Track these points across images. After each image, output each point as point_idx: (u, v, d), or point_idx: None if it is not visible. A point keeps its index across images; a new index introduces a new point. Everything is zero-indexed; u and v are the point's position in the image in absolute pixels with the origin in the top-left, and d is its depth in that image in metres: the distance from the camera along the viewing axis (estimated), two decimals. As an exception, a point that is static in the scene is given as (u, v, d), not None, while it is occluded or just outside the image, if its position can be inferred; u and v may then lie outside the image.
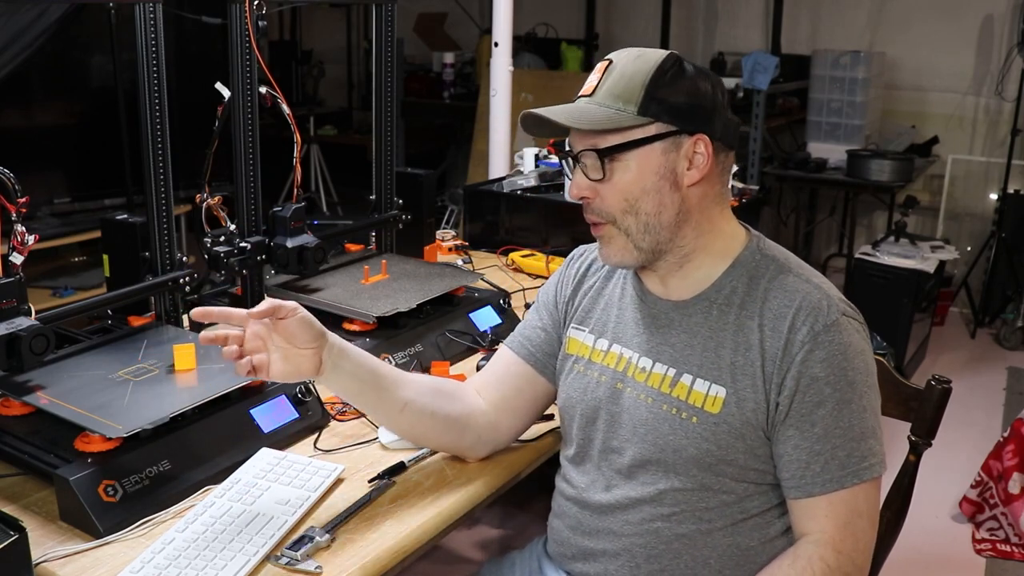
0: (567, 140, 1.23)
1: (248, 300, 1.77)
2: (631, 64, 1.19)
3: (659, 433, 1.21)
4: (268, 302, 1.17)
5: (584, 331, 1.34)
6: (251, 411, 1.41)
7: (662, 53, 1.20)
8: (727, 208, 1.26)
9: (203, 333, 1.18)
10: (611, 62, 1.21)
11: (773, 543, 1.21)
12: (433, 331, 1.76)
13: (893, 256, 3.81)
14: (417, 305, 1.76)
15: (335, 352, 1.23)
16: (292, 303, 1.18)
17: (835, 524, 1.14)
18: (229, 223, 1.76)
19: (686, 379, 1.20)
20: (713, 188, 1.22)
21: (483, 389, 1.41)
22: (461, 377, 1.56)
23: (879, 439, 1.16)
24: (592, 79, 1.21)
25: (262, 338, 1.18)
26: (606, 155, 1.18)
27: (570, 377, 1.34)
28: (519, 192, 2.54)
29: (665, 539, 1.21)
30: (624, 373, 1.27)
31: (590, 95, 1.20)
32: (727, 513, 1.20)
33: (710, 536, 1.20)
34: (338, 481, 1.33)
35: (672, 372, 1.21)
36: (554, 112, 1.19)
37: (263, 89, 1.72)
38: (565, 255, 2.36)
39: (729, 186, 1.26)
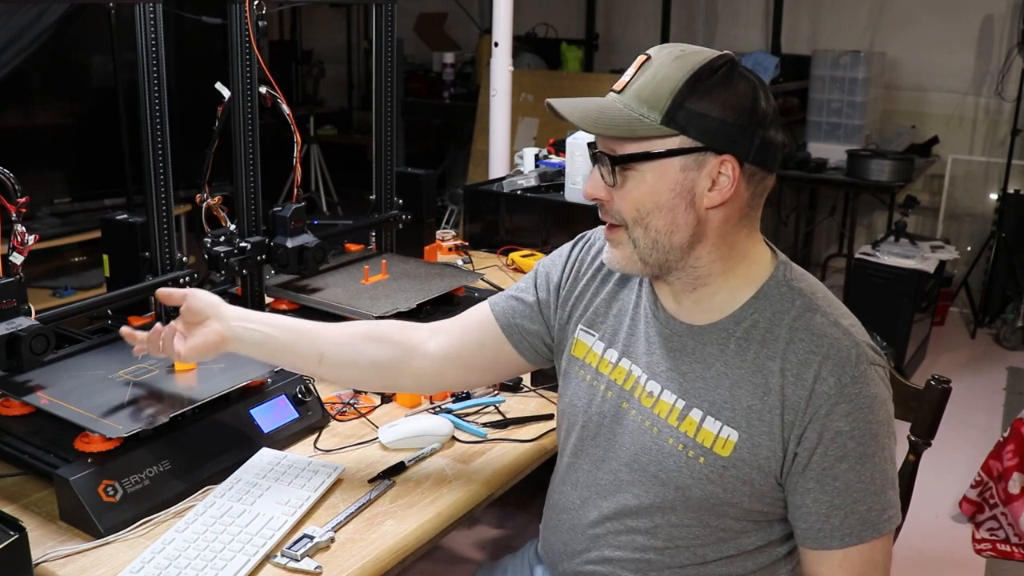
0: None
1: (248, 300, 1.78)
2: (666, 65, 1.06)
3: (663, 467, 1.14)
4: (158, 292, 1.34)
5: (594, 336, 1.25)
6: (251, 411, 1.41)
7: (707, 56, 1.06)
8: (755, 232, 1.14)
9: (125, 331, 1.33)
10: (648, 58, 1.08)
11: (771, 568, 1.17)
12: (433, 331, 1.76)
13: (893, 256, 3.81)
14: (417, 305, 1.76)
15: (236, 318, 1.30)
16: (181, 290, 1.32)
17: (848, 575, 1.10)
18: (229, 223, 1.76)
19: (696, 415, 1.12)
20: (739, 211, 1.10)
21: (441, 335, 1.34)
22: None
23: (896, 488, 1.12)
24: (627, 74, 1.09)
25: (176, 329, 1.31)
26: (619, 163, 1.08)
27: (574, 383, 1.26)
28: (519, 192, 2.54)
29: (656, 568, 1.17)
30: (631, 393, 1.18)
31: (619, 92, 1.09)
32: (722, 548, 1.15)
33: (703, 568, 1.16)
34: (338, 481, 1.33)
35: (681, 404, 1.13)
36: (572, 107, 1.09)
37: (263, 89, 1.72)
38: (565, 255, 2.39)
39: (760, 209, 1.14)
